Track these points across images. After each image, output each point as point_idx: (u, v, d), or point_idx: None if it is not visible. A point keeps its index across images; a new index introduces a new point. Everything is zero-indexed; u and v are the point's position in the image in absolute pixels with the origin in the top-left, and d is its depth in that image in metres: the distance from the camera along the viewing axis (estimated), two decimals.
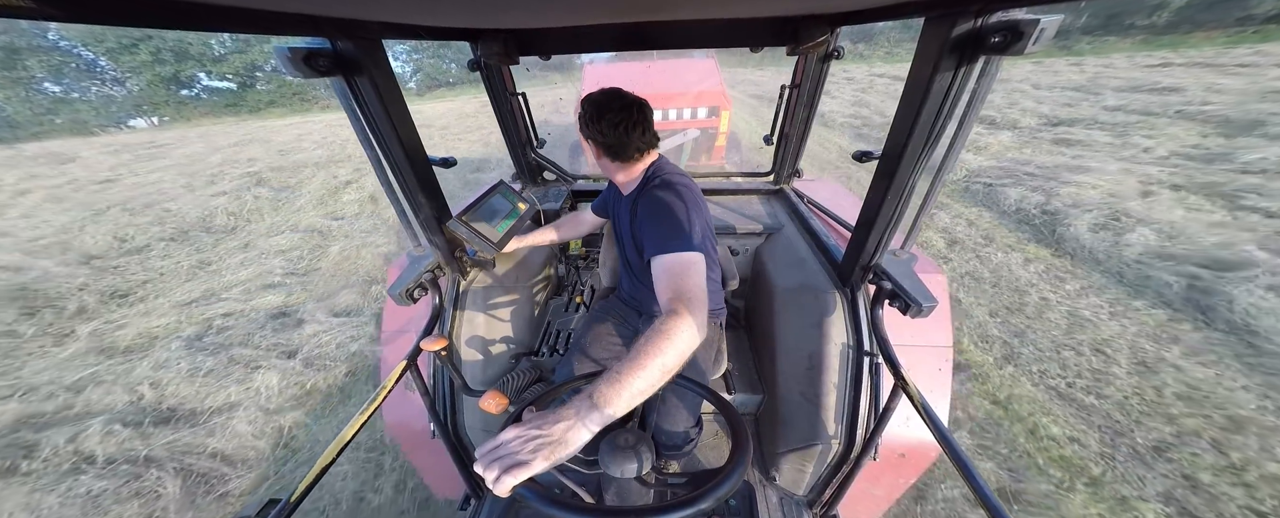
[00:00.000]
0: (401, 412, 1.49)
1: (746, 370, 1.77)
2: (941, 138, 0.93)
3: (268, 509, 0.82)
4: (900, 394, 1.10)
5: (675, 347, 0.78)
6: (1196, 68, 11.26)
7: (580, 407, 0.72)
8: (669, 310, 0.84)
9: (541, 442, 0.68)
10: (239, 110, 27.00)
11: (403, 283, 1.31)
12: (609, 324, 1.48)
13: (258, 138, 14.27)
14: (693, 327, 0.81)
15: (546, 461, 0.66)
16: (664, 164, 1.24)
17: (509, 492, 0.65)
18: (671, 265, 0.96)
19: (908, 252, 1.27)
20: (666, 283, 0.94)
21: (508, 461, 0.66)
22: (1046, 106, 9.29)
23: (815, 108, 1.81)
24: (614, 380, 0.73)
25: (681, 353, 0.78)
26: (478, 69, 1.68)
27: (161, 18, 0.56)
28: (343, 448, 0.97)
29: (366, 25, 0.90)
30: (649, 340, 0.78)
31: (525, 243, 1.60)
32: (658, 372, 0.75)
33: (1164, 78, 10.41)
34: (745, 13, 1.24)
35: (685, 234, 1.00)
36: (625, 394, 0.72)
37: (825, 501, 1.34)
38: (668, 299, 0.89)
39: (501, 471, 0.65)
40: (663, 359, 0.76)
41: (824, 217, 1.90)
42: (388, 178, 1.14)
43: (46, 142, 17.94)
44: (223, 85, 29.30)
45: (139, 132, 22.81)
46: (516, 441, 0.68)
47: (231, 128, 18.71)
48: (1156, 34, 19.61)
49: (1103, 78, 11.68)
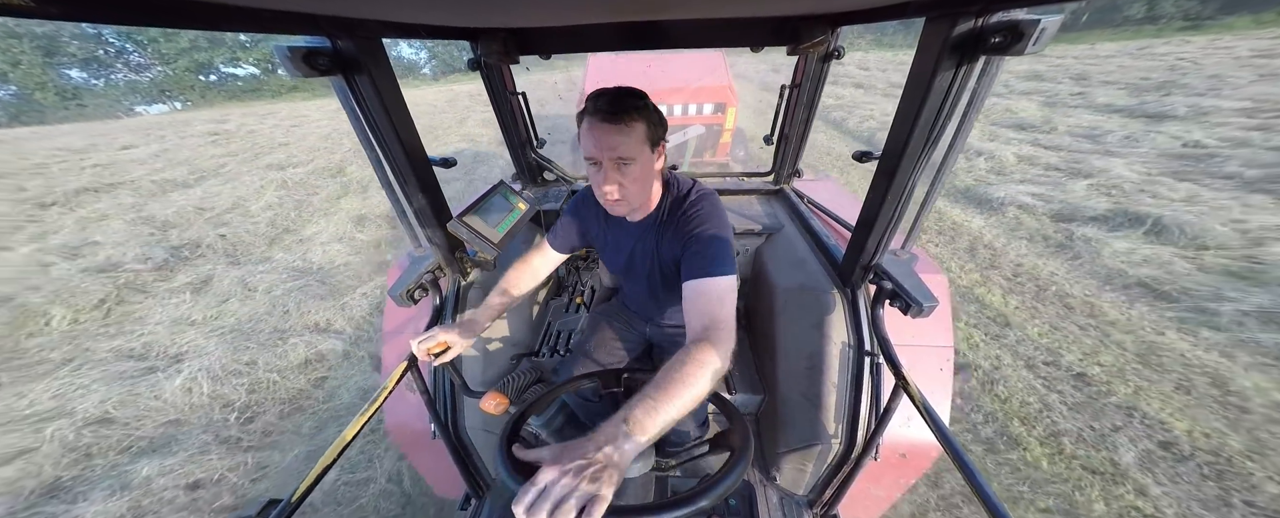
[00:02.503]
0: (402, 412, 1.49)
1: (747, 370, 1.77)
2: (942, 138, 0.93)
3: (268, 509, 0.82)
4: (901, 394, 1.10)
5: (706, 375, 0.78)
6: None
7: (616, 432, 0.69)
8: (702, 338, 0.84)
9: (597, 468, 0.63)
10: (262, 95, 28.09)
11: (403, 284, 1.30)
12: (612, 328, 1.47)
13: (308, 116, 15.60)
14: (722, 356, 0.82)
15: (613, 486, 0.62)
16: (678, 176, 1.20)
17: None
18: (710, 291, 0.95)
19: (908, 252, 1.27)
20: (702, 308, 0.92)
21: (577, 500, 0.59)
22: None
23: (815, 108, 1.81)
24: (648, 408, 0.72)
25: (712, 381, 0.79)
26: (478, 68, 1.68)
27: (161, 17, 0.56)
28: (343, 448, 0.96)
29: (366, 24, 0.90)
30: (681, 368, 0.78)
31: (474, 329, 1.22)
32: (690, 399, 0.76)
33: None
34: (745, 12, 1.24)
35: (724, 258, 0.99)
36: (660, 421, 0.72)
37: (826, 501, 1.34)
38: (701, 327, 0.89)
39: (577, 510, 0.58)
40: (695, 388, 0.77)
41: (824, 217, 1.89)
42: (387, 178, 1.14)
43: (107, 123, 19.69)
44: (244, 72, 31.40)
45: (184, 111, 24.73)
46: (564, 477, 0.61)
47: (268, 108, 20.00)
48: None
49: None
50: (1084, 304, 3.29)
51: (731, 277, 0.97)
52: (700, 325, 0.89)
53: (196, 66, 30.69)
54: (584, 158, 1.02)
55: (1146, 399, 2.46)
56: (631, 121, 0.96)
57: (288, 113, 16.92)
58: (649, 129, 0.99)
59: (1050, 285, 3.52)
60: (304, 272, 4.55)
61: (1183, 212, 4.29)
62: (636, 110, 0.96)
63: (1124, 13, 27.20)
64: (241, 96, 28.86)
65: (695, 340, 0.85)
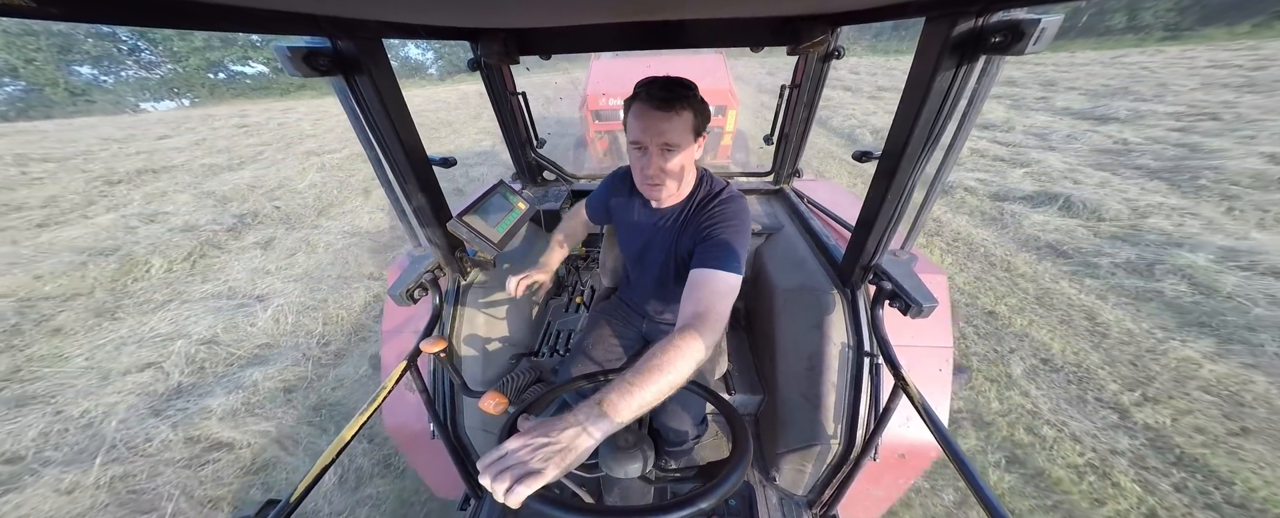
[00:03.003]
0: (401, 412, 1.49)
1: (746, 371, 1.77)
2: (941, 138, 0.93)
3: (267, 509, 0.82)
4: (900, 395, 1.10)
5: (687, 363, 0.78)
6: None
7: (588, 414, 0.71)
8: (688, 326, 0.84)
9: (551, 449, 0.67)
10: (271, 93, 29.00)
11: (403, 283, 1.30)
12: (611, 326, 1.48)
13: (328, 111, 16.41)
14: (706, 347, 0.82)
15: (558, 468, 0.65)
16: (708, 173, 1.23)
17: (520, 503, 0.63)
18: (713, 282, 0.96)
19: (908, 252, 1.27)
20: (700, 297, 0.93)
21: (518, 470, 0.64)
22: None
23: (815, 108, 1.81)
24: (624, 391, 0.73)
25: (690, 370, 0.79)
26: (478, 69, 1.67)
27: (161, 17, 0.56)
28: (343, 448, 0.96)
29: (366, 24, 0.90)
30: (662, 353, 0.78)
31: (549, 268, 1.41)
32: (666, 386, 0.76)
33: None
34: (745, 12, 1.24)
35: (738, 257, 1.01)
36: (634, 404, 0.72)
37: (825, 501, 1.34)
38: (693, 314, 0.89)
39: (513, 480, 0.63)
40: (672, 376, 0.77)
41: (824, 217, 1.89)
42: (388, 178, 1.14)
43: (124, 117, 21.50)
44: (253, 70, 32.85)
45: (195, 107, 26.03)
46: (524, 449, 0.66)
47: (287, 104, 21.26)
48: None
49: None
50: (1003, 261, 4.11)
51: (737, 277, 0.98)
52: (692, 312, 0.90)
53: (208, 65, 31.78)
54: (629, 140, 1.08)
55: (1037, 329, 3.16)
56: (681, 109, 1.00)
57: (306, 108, 18.03)
58: (695, 119, 1.04)
59: (980, 248, 4.37)
60: (355, 233, 5.43)
61: (1092, 193, 5.21)
62: (685, 100, 1.01)
63: (1106, 22, 27.69)
64: (250, 94, 29.63)
65: (683, 327, 0.85)
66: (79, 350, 3.43)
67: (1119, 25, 26.74)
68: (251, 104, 23.47)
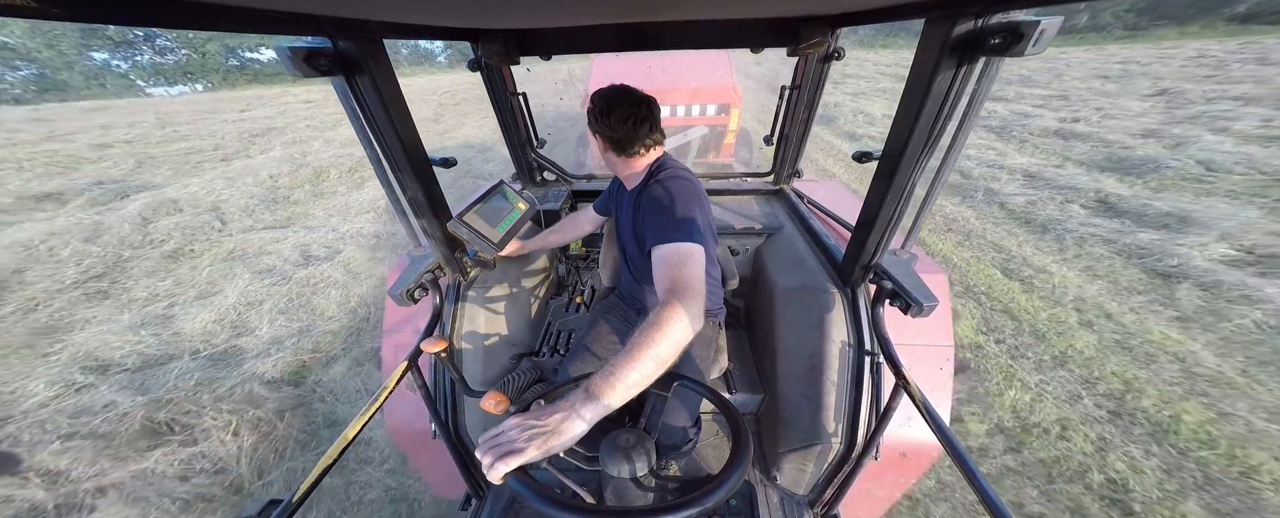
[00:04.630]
0: (402, 412, 1.49)
1: (747, 370, 1.77)
2: (941, 138, 0.93)
3: (269, 509, 0.82)
4: (901, 394, 1.10)
5: (669, 337, 0.78)
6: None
7: (575, 398, 0.72)
8: (664, 302, 0.84)
9: (536, 431, 0.69)
10: (284, 78, 29.72)
11: (403, 283, 1.30)
12: (610, 323, 1.48)
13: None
14: (686, 318, 0.81)
15: (539, 449, 0.67)
16: (668, 160, 1.25)
17: (500, 479, 0.66)
18: (670, 256, 0.96)
19: (908, 251, 1.27)
20: (665, 273, 0.94)
21: (503, 448, 0.67)
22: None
23: (815, 108, 1.81)
24: (609, 373, 0.74)
25: (676, 344, 0.78)
26: (478, 69, 1.68)
27: (162, 17, 0.56)
28: (344, 448, 0.96)
29: (367, 25, 0.90)
30: (643, 333, 0.78)
31: (529, 248, 1.61)
32: (652, 363, 0.75)
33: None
34: (745, 13, 1.24)
35: (686, 226, 1.01)
36: (620, 386, 0.73)
37: (826, 500, 1.34)
38: (665, 290, 0.90)
39: (496, 458, 0.66)
40: (656, 351, 0.76)
41: (824, 216, 1.90)
42: (388, 178, 1.14)
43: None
44: (266, 56, 34.33)
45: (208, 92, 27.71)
46: (515, 429, 0.70)
47: (294, 88, 23.33)
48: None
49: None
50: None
51: (694, 244, 0.97)
52: (664, 289, 0.90)
53: (226, 51, 33.48)
54: None
55: (1004, 292, 3.72)
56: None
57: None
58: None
59: (956, 219, 5.09)
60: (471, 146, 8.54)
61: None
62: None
63: (1070, 20, 29.35)
64: (263, 79, 30.62)
65: (659, 304, 0.84)
66: (315, 210, 6.13)
67: (1080, 25, 27.92)
68: (265, 89, 25.01)
